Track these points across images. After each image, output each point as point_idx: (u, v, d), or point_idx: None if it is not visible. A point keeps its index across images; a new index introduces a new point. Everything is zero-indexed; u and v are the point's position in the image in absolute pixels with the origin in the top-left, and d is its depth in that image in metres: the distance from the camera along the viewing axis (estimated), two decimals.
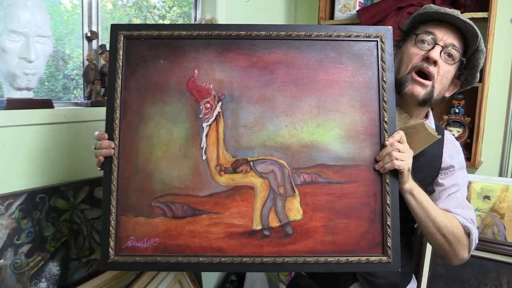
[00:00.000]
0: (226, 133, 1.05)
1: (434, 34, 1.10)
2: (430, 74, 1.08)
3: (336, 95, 1.06)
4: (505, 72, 2.04)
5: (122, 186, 1.04)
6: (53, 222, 1.30)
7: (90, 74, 1.49)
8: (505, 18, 2.03)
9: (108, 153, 1.02)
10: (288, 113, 1.06)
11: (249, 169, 1.04)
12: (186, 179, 1.04)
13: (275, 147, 1.04)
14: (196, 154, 1.04)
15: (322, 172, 1.04)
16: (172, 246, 1.03)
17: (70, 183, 1.35)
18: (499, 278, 1.64)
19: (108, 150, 1.02)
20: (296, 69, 1.07)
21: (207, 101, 1.06)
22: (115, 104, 1.04)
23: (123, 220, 1.03)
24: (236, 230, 1.02)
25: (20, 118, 1.21)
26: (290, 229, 1.03)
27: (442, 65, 1.09)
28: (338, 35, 1.07)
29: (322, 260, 1.01)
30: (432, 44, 1.09)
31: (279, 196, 1.03)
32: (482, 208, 1.82)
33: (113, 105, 1.04)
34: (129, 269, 1.34)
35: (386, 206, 1.02)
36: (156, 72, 1.07)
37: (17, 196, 1.20)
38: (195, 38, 1.07)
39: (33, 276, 1.24)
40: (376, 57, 1.07)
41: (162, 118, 1.05)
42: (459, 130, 2.01)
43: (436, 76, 1.09)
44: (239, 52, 1.07)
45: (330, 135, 1.05)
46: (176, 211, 1.03)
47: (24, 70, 1.20)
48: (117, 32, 1.07)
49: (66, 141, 1.36)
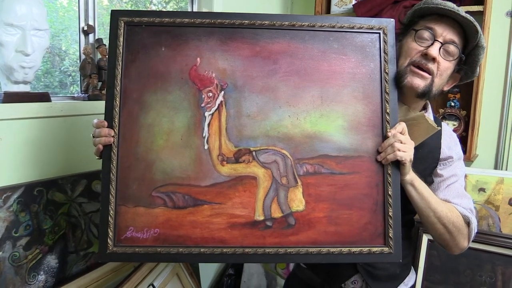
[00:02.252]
0: (229, 122, 1.04)
1: (434, 30, 1.09)
2: (429, 71, 1.08)
3: (339, 86, 1.06)
4: (500, 65, 2.05)
5: (121, 176, 1.02)
6: (51, 215, 1.29)
7: (87, 68, 1.49)
8: (500, 12, 2.03)
9: (108, 141, 1.00)
10: (291, 104, 1.05)
11: (252, 159, 1.03)
12: (187, 169, 1.02)
13: (278, 137, 1.04)
14: (198, 143, 1.03)
15: (325, 163, 1.04)
16: (173, 236, 1.01)
17: (67, 177, 1.34)
18: (494, 269, 1.66)
19: (108, 138, 1.00)
20: (300, 59, 1.06)
21: (210, 90, 1.05)
22: (115, 92, 1.02)
23: (122, 210, 1.02)
24: (238, 221, 1.02)
25: (18, 111, 1.20)
26: (293, 220, 1.02)
27: (441, 61, 1.08)
28: (342, 26, 1.07)
29: (325, 251, 1.01)
30: (431, 40, 1.08)
31: (282, 186, 1.03)
32: (477, 200, 1.83)
33: (113, 92, 1.02)
34: (128, 260, 1.33)
35: (388, 197, 1.03)
36: (157, 60, 1.05)
37: (15, 189, 1.19)
38: (197, 26, 1.06)
39: (31, 269, 1.23)
40: (378, 49, 1.07)
41: (163, 107, 1.04)
42: (455, 124, 2.02)
43: (436, 71, 1.09)
44: (242, 41, 1.06)
45: (333, 126, 1.05)
46: (177, 201, 1.02)
47: (21, 63, 1.19)
48: (118, 18, 1.05)
49: (63, 135, 1.35)
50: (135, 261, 1.40)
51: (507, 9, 2.03)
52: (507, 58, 2.04)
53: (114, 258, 1.04)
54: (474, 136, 1.96)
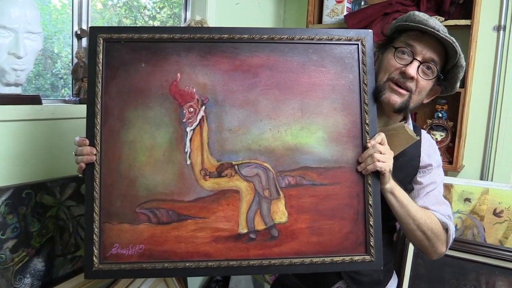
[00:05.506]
0: (210, 137, 1.05)
1: (414, 47, 1.10)
2: (408, 88, 1.10)
3: (318, 98, 1.08)
4: (487, 78, 2.11)
5: (105, 193, 1.02)
6: (39, 218, 1.28)
7: (79, 71, 1.49)
8: (487, 26, 2.09)
9: (90, 160, 1.00)
10: (272, 117, 1.06)
11: (234, 173, 1.04)
12: (170, 184, 1.03)
13: (259, 150, 1.05)
14: (180, 159, 1.04)
15: (306, 175, 1.05)
16: (158, 252, 1.02)
17: (56, 180, 1.34)
18: (478, 279, 1.69)
19: (90, 156, 1.00)
20: (279, 72, 1.08)
21: (191, 105, 1.05)
22: (96, 110, 1.03)
23: (107, 228, 1.02)
24: (222, 234, 1.03)
25: (8, 113, 1.20)
26: (276, 232, 1.04)
27: (420, 79, 1.10)
28: (320, 38, 1.09)
29: (308, 261, 1.03)
30: (410, 57, 1.09)
31: (264, 199, 1.04)
32: (462, 210, 1.86)
33: (93, 110, 1.03)
34: (115, 277, 1.32)
35: (368, 207, 1.05)
36: (137, 76, 1.05)
37: (3, 191, 1.18)
38: (177, 41, 1.06)
39: (17, 272, 1.22)
40: (357, 60, 1.09)
41: (144, 123, 1.04)
42: (442, 134, 2.06)
43: (414, 89, 1.10)
44: (222, 55, 1.07)
45: (314, 138, 1.07)
46: (161, 216, 1.03)
47: (13, 65, 1.20)
48: (96, 35, 1.05)
49: (54, 138, 1.34)
50: (121, 277, 1.39)
51: (494, 24, 2.09)
52: (493, 72, 2.09)
53: (100, 275, 1.04)
54: (461, 147, 2.00)
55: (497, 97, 2.09)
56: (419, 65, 1.09)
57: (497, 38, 2.08)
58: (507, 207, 1.78)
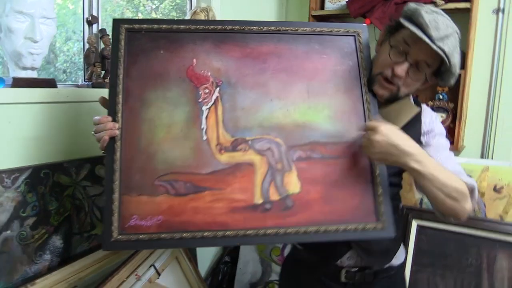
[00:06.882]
0: (225, 115, 1.11)
1: (409, 48, 1.10)
2: (395, 84, 1.13)
3: (323, 81, 1.17)
4: (486, 60, 2.14)
5: (124, 167, 1.05)
6: (57, 197, 1.33)
7: (91, 56, 1.54)
8: (487, 9, 2.12)
9: (113, 134, 1.05)
10: (281, 97, 1.14)
11: (248, 148, 1.10)
12: (188, 158, 1.07)
13: (271, 127, 1.11)
14: (197, 135, 1.09)
15: (316, 148, 1.11)
16: (176, 223, 1.03)
17: (72, 160, 1.39)
18: (479, 252, 1.74)
19: (113, 130, 1.05)
20: (286, 59, 1.17)
21: (206, 87, 1.12)
22: (118, 89, 1.08)
23: (125, 200, 1.03)
24: (239, 205, 1.06)
25: (25, 96, 1.25)
26: (290, 202, 1.08)
27: (408, 78, 1.12)
28: (321, 30, 1.21)
29: (323, 229, 1.06)
30: (403, 57, 1.10)
31: (277, 171, 1.09)
32: None
33: (115, 90, 1.08)
34: (133, 248, 1.36)
35: (376, 177, 1.11)
36: (156, 61, 1.12)
37: (23, 171, 1.23)
38: (192, 31, 1.15)
39: (37, 248, 1.28)
40: (355, 49, 1.20)
41: (163, 103, 1.10)
42: (443, 116, 2.10)
43: (401, 85, 1.13)
44: (234, 44, 1.16)
45: (320, 116, 1.14)
46: (179, 188, 1.05)
47: (29, 49, 1.25)
48: (119, 25, 1.13)
49: (69, 120, 1.39)
50: (139, 249, 1.43)
51: (493, 7, 2.12)
52: (493, 54, 2.13)
53: (118, 246, 1.05)
54: (461, 128, 2.04)
55: (497, 78, 2.13)
56: (409, 66, 1.11)
57: (496, 21, 2.11)
58: (507, 183, 1.83)
